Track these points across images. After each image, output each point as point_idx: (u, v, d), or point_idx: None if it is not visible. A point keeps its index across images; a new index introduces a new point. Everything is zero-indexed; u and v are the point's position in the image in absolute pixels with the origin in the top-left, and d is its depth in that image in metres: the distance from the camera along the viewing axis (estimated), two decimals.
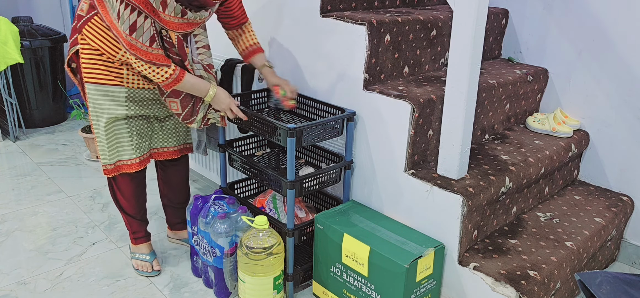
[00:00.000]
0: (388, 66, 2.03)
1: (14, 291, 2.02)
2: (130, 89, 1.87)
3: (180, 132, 2.08)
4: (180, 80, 1.79)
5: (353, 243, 1.80)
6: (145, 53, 1.70)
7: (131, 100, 1.88)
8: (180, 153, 2.12)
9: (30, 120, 3.73)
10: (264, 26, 2.32)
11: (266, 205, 2.14)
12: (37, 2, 4.11)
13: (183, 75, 1.79)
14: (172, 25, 1.73)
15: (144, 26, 1.66)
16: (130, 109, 1.89)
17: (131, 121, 1.92)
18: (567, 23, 2.35)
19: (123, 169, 1.95)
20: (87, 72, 1.82)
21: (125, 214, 2.09)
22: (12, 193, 2.79)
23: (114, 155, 1.92)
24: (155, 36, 1.71)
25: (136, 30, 1.66)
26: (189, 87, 1.83)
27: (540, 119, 2.36)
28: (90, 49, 1.80)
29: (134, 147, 1.94)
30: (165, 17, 1.70)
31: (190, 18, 1.76)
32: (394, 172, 1.93)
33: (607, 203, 2.23)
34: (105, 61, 1.81)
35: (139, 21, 1.65)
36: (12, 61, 3.25)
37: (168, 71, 1.75)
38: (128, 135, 1.92)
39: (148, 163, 2.02)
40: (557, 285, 1.81)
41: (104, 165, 1.93)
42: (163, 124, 2.03)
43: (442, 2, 2.56)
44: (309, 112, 2.13)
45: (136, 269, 2.14)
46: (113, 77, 1.83)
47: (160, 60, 1.73)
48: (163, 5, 1.67)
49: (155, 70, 1.74)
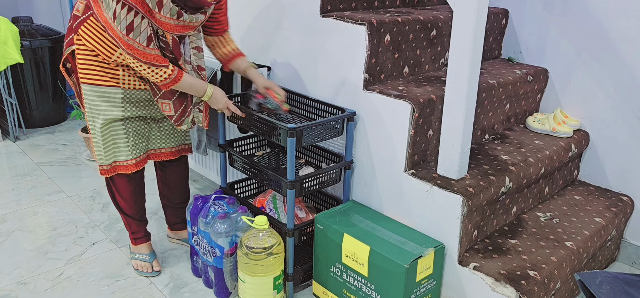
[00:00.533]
0: (388, 66, 2.03)
1: (14, 291, 2.02)
2: (126, 90, 1.86)
3: (178, 132, 2.08)
4: (179, 80, 1.79)
5: (353, 243, 1.80)
6: (143, 54, 1.69)
7: (127, 101, 1.88)
8: (178, 154, 2.11)
9: (30, 120, 3.72)
10: (264, 27, 2.32)
11: (266, 205, 2.14)
12: (37, 2, 4.11)
13: (181, 75, 1.79)
14: (167, 26, 1.73)
15: (141, 26, 1.66)
16: (127, 111, 1.88)
17: (128, 122, 1.91)
18: (567, 23, 2.35)
19: (119, 170, 1.95)
20: (83, 72, 1.81)
21: (124, 215, 2.09)
22: (12, 193, 2.79)
23: (110, 156, 1.92)
24: (152, 36, 1.70)
25: (133, 30, 1.65)
26: (187, 86, 1.83)
27: (540, 119, 2.36)
28: (85, 49, 1.79)
29: (130, 148, 1.93)
30: (161, 18, 1.69)
31: (186, 20, 1.75)
32: (394, 172, 1.93)
33: (607, 203, 2.23)
34: (101, 62, 1.80)
35: (136, 21, 1.64)
36: (12, 61, 3.25)
37: (167, 71, 1.75)
38: (124, 137, 1.91)
39: (145, 164, 2.02)
40: (557, 285, 1.81)
41: (100, 166, 1.93)
42: (160, 125, 2.03)
43: (442, 2, 2.56)
44: (309, 112, 2.13)
45: (136, 269, 2.14)
46: (109, 78, 1.82)
47: (158, 61, 1.73)
48: (159, 6, 1.67)
49: (154, 71, 1.73)
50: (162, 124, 2.03)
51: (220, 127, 2.14)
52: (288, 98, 2.22)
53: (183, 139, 2.11)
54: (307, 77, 2.18)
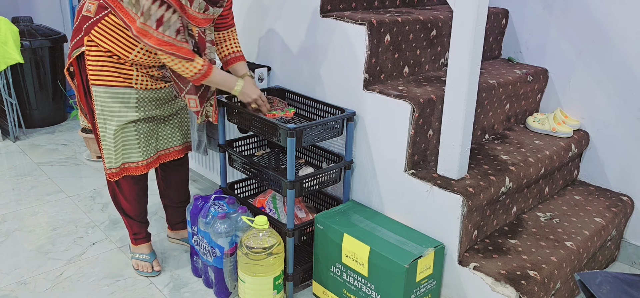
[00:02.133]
0: (388, 66, 2.03)
1: (14, 291, 2.02)
2: (140, 90, 1.86)
3: (182, 130, 2.09)
4: (209, 75, 1.80)
5: (353, 243, 1.80)
6: (173, 46, 1.69)
7: (141, 101, 1.88)
8: (184, 151, 2.12)
9: (30, 120, 3.73)
10: (264, 27, 2.32)
11: (266, 205, 2.14)
12: (37, 2, 4.11)
13: (211, 69, 1.80)
14: (196, 20, 1.75)
15: (171, 20, 1.67)
16: (141, 112, 1.88)
17: (139, 124, 1.91)
18: (567, 23, 2.35)
19: (129, 172, 1.94)
20: (95, 74, 1.80)
21: (127, 216, 2.09)
22: (12, 193, 2.79)
23: (120, 158, 1.91)
24: (180, 29, 1.71)
25: (163, 24, 1.66)
26: (218, 80, 1.85)
27: (540, 119, 2.36)
28: (98, 50, 1.78)
29: (141, 150, 1.93)
30: (192, 13, 1.72)
31: (210, 13, 1.79)
32: (394, 172, 1.93)
33: (607, 203, 2.23)
34: (115, 62, 1.80)
35: (167, 15, 1.65)
36: (12, 61, 3.25)
37: (197, 66, 1.76)
38: (136, 139, 1.91)
39: (155, 165, 2.01)
40: (557, 285, 1.81)
41: (109, 169, 1.90)
42: (165, 124, 2.03)
43: (442, 2, 2.56)
44: (309, 112, 2.13)
45: (136, 269, 2.14)
46: (122, 79, 1.82)
47: (189, 55, 1.74)
48: (190, 1, 1.69)
49: (185, 64, 1.74)
50: (167, 122, 2.03)
51: (220, 127, 2.14)
52: (288, 98, 2.23)
53: (187, 137, 2.12)
54: (307, 77, 2.18)
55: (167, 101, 1.98)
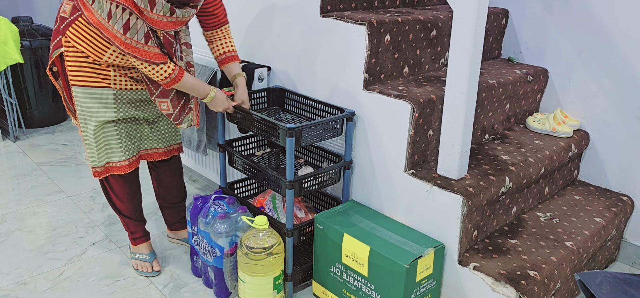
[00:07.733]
0: (388, 66, 2.03)
1: (14, 291, 2.02)
2: (118, 90, 1.85)
3: (169, 133, 2.07)
4: (180, 80, 1.78)
5: (353, 243, 1.80)
6: (141, 51, 1.68)
7: (119, 101, 1.87)
8: (169, 154, 2.10)
9: (30, 120, 3.72)
10: (264, 27, 2.32)
11: (266, 205, 2.14)
12: (37, 2, 4.11)
13: (182, 74, 1.78)
14: (159, 24, 1.71)
15: (137, 25, 1.65)
16: (119, 112, 1.87)
17: (120, 124, 1.90)
18: (567, 23, 2.35)
19: (113, 171, 1.94)
20: (74, 74, 1.79)
21: (121, 215, 2.09)
22: (12, 193, 2.79)
23: (103, 158, 1.91)
24: (149, 34, 1.69)
25: (130, 29, 1.64)
26: (188, 87, 1.83)
27: (540, 119, 2.36)
28: (75, 51, 1.77)
29: (123, 150, 1.93)
30: (154, 17, 1.67)
31: (178, 16, 1.74)
32: (394, 172, 1.93)
33: (607, 203, 2.23)
34: (92, 63, 1.79)
35: (131, 20, 1.63)
36: (12, 61, 3.25)
37: (168, 70, 1.74)
38: (117, 138, 1.90)
39: (138, 164, 2.01)
40: (557, 285, 1.81)
41: (93, 168, 1.92)
42: (153, 126, 2.02)
43: (442, 2, 2.56)
44: (308, 112, 2.13)
45: (136, 269, 2.14)
46: (100, 79, 1.81)
47: (158, 59, 1.72)
48: (151, 5, 1.65)
49: (154, 68, 1.73)
50: (154, 125, 2.02)
51: (219, 127, 2.14)
52: (288, 98, 2.23)
53: (174, 139, 2.10)
54: (307, 76, 2.18)
55: (150, 102, 1.95)
